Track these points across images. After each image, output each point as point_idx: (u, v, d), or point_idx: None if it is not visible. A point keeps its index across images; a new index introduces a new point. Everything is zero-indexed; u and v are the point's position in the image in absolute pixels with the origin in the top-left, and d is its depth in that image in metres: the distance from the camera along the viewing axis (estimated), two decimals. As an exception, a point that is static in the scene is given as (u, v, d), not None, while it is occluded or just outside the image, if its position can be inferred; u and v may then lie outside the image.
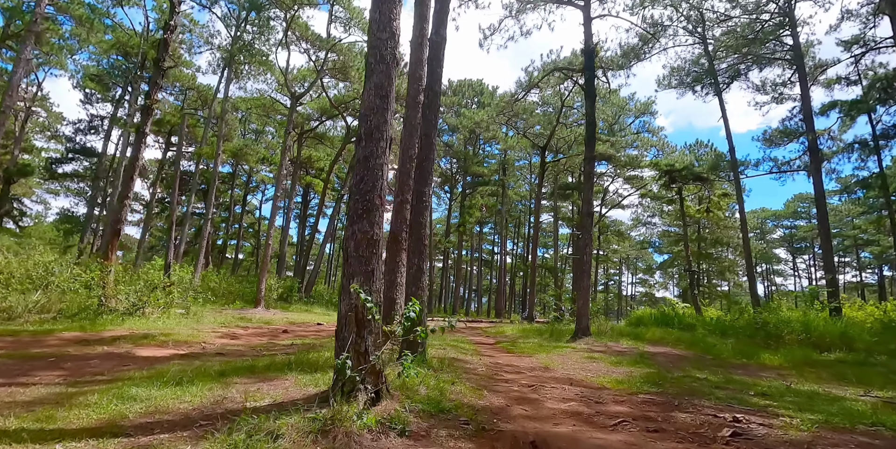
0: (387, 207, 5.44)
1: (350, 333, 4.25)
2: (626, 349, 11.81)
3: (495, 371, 7.14)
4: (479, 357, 8.56)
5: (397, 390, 4.78)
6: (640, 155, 32.41)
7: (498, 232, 49.87)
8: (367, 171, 4.51)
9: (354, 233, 4.45)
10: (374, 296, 4.45)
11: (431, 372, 6.22)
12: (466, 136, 36.00)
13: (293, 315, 19.20)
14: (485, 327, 20.04)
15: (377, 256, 4.45)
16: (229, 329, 12.55)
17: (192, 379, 5.35)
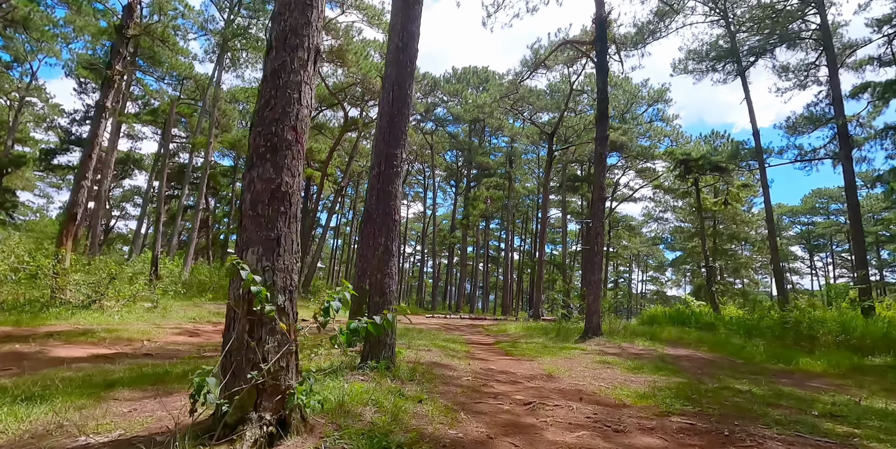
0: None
1: (240, 333, 2.74)
2: (643, 351, 10.21)
3: (485, 381, 5.59)
4: (468, 361, 7.01)
5: (325, 416, 3.26)
6: (652, 145, 30.64)
7: (505, 227, 48.25)
8: (275, 92, 2.99)
9: (252, 182, 2.93)
10: (283, 276, 2.93)
11: (396, 384, 4.70)
12: (471, 125, 34.36)
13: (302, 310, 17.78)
14: (487, 325, 18.49)
15: (287, 216, 2.93)
16: (196, 325, 11.13)
17: (60, 392, 3.88)
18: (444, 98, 34.78)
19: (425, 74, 32.12)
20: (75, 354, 6.41)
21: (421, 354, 6.99)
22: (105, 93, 11.43)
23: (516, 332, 14.44)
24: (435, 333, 12.49)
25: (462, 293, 36.08)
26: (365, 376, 4.85)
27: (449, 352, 7.83)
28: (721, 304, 24.61)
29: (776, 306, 18.34)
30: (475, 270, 42.94)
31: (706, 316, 20.25)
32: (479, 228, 44.71)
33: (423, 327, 14.40)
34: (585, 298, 11.92)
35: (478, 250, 44.46)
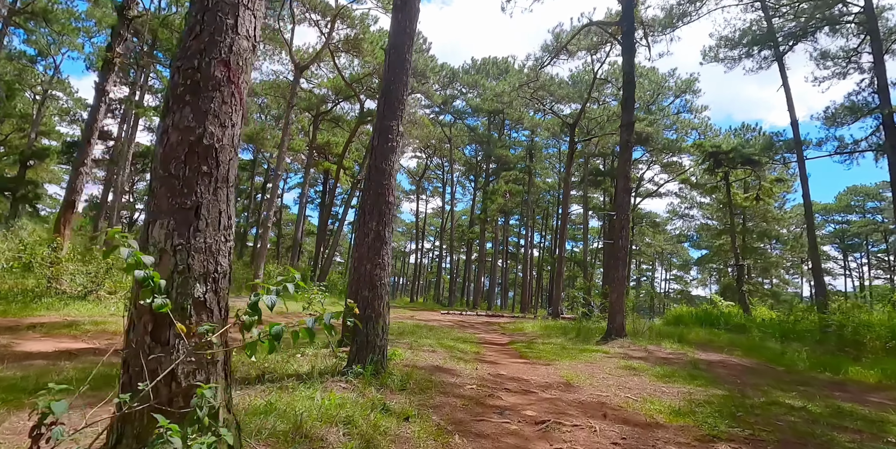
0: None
1: (139, 336, 1.99)
2: (672, 355, 9.28)
3: (492, 390, 4.79)
4: (476, 365, 6.21)
5: (272, 442, 2.51)
6: (679, 138, 29.29)
7: (524, 223, 47.20)
8: (202, 16, 2.24)
9: (166, 132, 2.18)
10: (202, 258, 2.17)
11: (383, 394, 3.94)
12: (490, 118, 33.34)
13: (292, 304, 17.27)
14: (503, 323, 17.67)
15: (213, 179, 2.17)
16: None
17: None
18: (463, 90, 33.87)
19: (443, 65, 31.27)
20: (43, 349, 5.83)
21: (422, 355, 6.23)
22: (104, 76, 10.93)
23: (533, 331, 13.60)
24: (446, 331, 11.73)
25: (479, 290, 35.25)
26: (347, 384, 4.10)
27: (456, 353, 7.05)
28: (751, 305, 23.31)
29: (814, 308, 17.13)
30: (494, 267, 42.04)
31: (736, 317, 19.14)
32: (497, 224, 43.75)
33: (435, 324, 13.66)
34: (608, 296, 11.01)
35: (497, 247, 43.57)
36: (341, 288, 29.59)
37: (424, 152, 45.50)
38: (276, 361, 4.99)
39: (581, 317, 22.34)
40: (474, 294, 35.00)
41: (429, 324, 13.50)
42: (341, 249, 64.48)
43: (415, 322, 13.45)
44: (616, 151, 31.40)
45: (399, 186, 59.11)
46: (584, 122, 25.18)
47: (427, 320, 15.55)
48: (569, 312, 39.44)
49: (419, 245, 57.87)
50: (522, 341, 10.52)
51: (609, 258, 31.10)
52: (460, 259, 66.62)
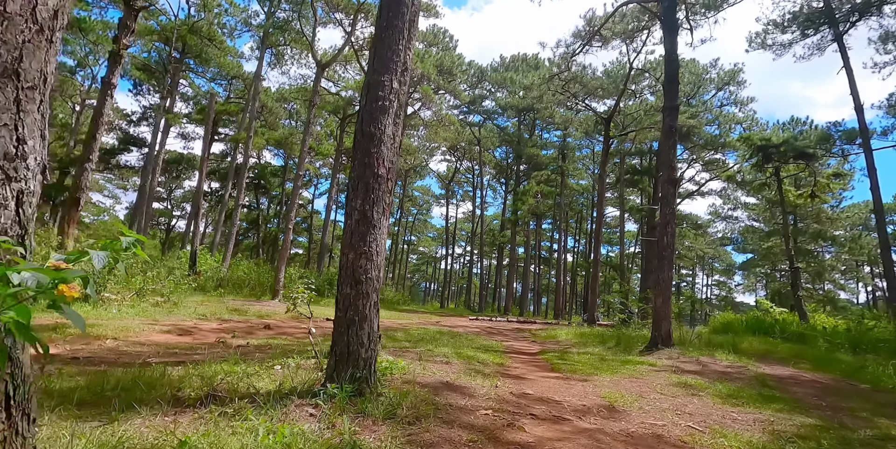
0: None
1: None
2: (731, 369, 7.93)
3: (512, 417, 3.68)
4: (496, 381, 5.10)
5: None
6: (723, 133, 27.39)
7: (557, 227, 45.61)
8: None
9: None
10: None
11: (359, 424, 2.90)
12: (520, 117, 32.10)
13: (317, 310, 16.46)
14: (535, 330, 16.42)
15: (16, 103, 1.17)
16: (200, 322, 9.81)
17: None
18: (492, 89, 32.79)
19: (470, 63, 30.36)
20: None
21: (431, 368, 5.16)
22: (111, 69, 10.41)
23: (567, 339, 12.34)
24: (470, 339, 10.64)
25: (511, 295, 33.94)
26: (316, 409, 3.08)
27: (474, 365, 5.96)
28: (810, 311, 21.27)
29: (885, 315, 15.25)
30: (526, 272, 40.64)
31: (792, 325, 17.36)
32: (529, 228, 42.40)
33: (460, 331, 12.58)
34: (652, 300, 9.70)
35: (529, 251, 42.19)
36: (368, 293, 28.86)
37: (454, 155, 44.62)
38: (240, 373, 4.02)
39: (619, 323, 20.88)
40: (506, 300, 33.70)
41: (453, 330, 12.44)
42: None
43: (438, 328, 12.40)
44: (654, 149, 29.71)
45: (429, 190, 58.50)
46: (619, 117, 23.74)
47: (453, 326, 14.49)
48: (605, 318, 37.66)
49: (449, 250, 56.83)
50: (555, 351, 9.33)
51: (650, 259, 29.37)
52: (492, 264, 65.24)
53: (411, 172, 47.78)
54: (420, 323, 14.67)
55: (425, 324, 14.57)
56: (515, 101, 29.99)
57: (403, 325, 13.03)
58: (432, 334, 10.33)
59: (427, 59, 23.24)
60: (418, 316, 19.87)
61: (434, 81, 24.38)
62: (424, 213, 60.33)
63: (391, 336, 9.74)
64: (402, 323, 13.87)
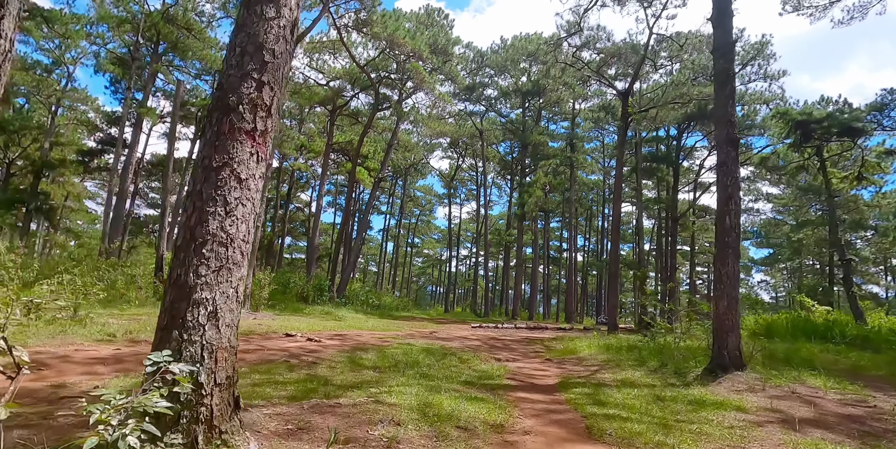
0: None
1: None
2: (853, 407, 5.18)
3: None
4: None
5: None
6: (749, 113, 24.53)
7: (566, 224, 42.76)
8: None
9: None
10: None
11: None
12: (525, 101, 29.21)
13: (292, 320, 13.85)
14: (548, 339, 13.67)
15: None
16: (100, 345, 7.21)
17: None
18: (493, 75, 30.05)
19: (469, 45, 27.75)
20: None
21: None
22: None
23: (591, 354, 9.59)
24: (465, 359, 7.96)
25: (519, 297, 31.20)
26: None
27: (446, 425, 3.25)
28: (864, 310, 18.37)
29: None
30: (535, 273, 37.84)
31: (849, 327, 14.55)
32: (538, 227, 39.59)
33: (456, 345, 9.90)
34: (715, 303, 6.96)
35: (537, 251, 39.39)
36: (364, 299, 26.19)
37: (455, 151, 41.99)
38: None
39: (640, 327, 18.11)
40: (513, 302, 30.94)
41: (447, 345, 9.74)
42: (367, 258, 61.52)
43: (427, 343, 9.72)
44: (672, 135, 26.87)
45: (431, 190, 55.87)
46: (636, 99, 20.95)
47: (448, 338, 11.79)
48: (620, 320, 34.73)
49: (454, 252, 54.09)
50: (580, 379, 6.59)
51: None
52: (499, 266, 62.38)
53: (412, 171, 45.19)
54: (409, 335, 12.01)
55: (415, 336, 11.89)
56: (519, 85, 27.21)
57: (385, 339, 10.36)
58: (414, 356, 7.66)
59: (419, 36, 20.65)
60: (413, 325, 17.20)
61: (428, 60, 21.76)
62: (427, 214, 57.67)
63: (356, 360, 7.08)
64: (385, 336, 11.21)
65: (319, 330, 11.39)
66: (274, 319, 13.19)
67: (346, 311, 21.44)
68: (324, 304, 23.03)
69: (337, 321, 14.94)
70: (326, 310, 20.28)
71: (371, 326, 14.28)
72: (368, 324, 15.11)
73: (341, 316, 18.80)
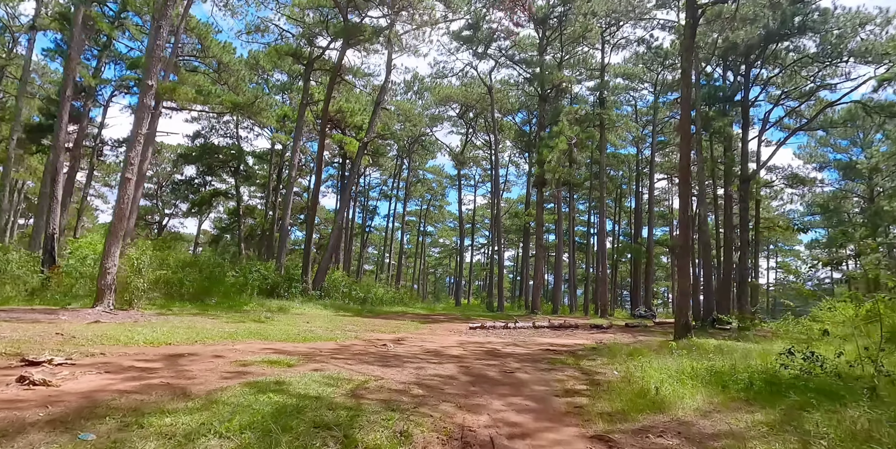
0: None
1: None
2: None
3: None
4: None
5: None
6: (836, 44, 18.28)
7: (594, 206, 36.70)
8: None
9: None
10: None
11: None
12: (539, 30, 22.94)
13: (159, 326, 8.66)
14: (583, 352, 8.13)
15: None
16: None
17: None
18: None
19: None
20: None
21: None
22: None
23: (702, 405, 3.98)
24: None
25: (540, 287, 25.59)
26: None
27: None
28: None
29: None
30: (558, 261, 32.12)
31: None
32: (562, 211, 33.68)
33: (427, 378, 4.49)
34: None
35: (560, 236, 33.60)
36: (346, 291, 20.89)
37: (465, 122, 36.29)
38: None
39: (707, 326, 12.50)
40: (533, 293, 25.33)
41: (367, 386, 4.32)
42: (382, 249, 56.38)
43: (323, 384, 4.31)
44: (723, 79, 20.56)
45: (441, 171, 50.21)
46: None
47: (402, 358, 6.38)
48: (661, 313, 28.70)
49: (467, 240, 48.56)
50: None
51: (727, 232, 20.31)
52: (518, 256, 56.49)
53: (418, 148, 39.66)
54: (336, 350, 6.67)
55: (365, 350, 6.60)
56: (534, 11, 21.17)
57: (313, 350, 5.05)
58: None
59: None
60: (388, 325, 11.79)
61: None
62: (440, 198, 52.06)
63: None
64: (310, 350, 5.91)
65: (142, 346, 6.09)
66: (122, 324, 7.96)
67: (312, 306, 16.20)
68: (292, 298, 17.89)
69: (259, 324, 9.63)
70: (283, 305, 15.07)
71: (305, 331, 8.94)
72: (311, 326, 9.82)
73: (320, 312, 13.58)
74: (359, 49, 23.57)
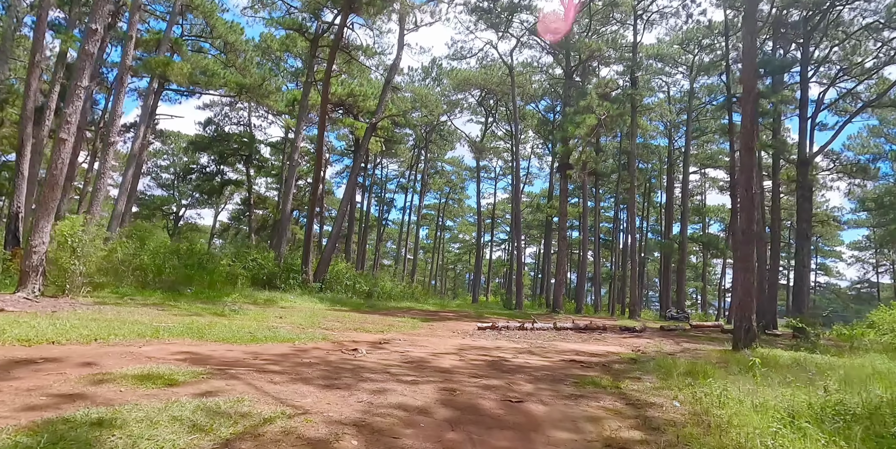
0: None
1: None
2: None
3: None
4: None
5: None
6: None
7: (623, 199, 34.25)
8: None
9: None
10: None
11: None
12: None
13: (93, 321, 7.00)
14: (621, 367, 6.20)
15: None
16: None
17: None
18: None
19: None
20: None
21: None
22: None
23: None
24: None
25: (562, 284, 23.42)
26: None
27: None
28: None
29: None
30: (583, 256, 29.86)
31: None
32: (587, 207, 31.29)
33: (381, 420, 2.57)
34: None
35: (586, 231, 31.25)
36: (349, 283, 19.15)
37: (484, 109, 34.23)
38: None
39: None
40: (555, 291, 23.20)
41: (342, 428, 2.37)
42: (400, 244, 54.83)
43: (290, 415, 2.38)
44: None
45: (461, 162, 48.15)
46: None
47: (405, 362, 4.50)
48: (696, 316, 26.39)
49: (486, 235, 46.59)
50: None
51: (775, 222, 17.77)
52: (540, 253, 54.08)
53: (436, 138, 37.73)
54: (307, 352, 4.86)
55: (322, 357, 4.74)
56: None
57: (246, 356, 3.19)
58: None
59: None
60: (385, 322, 9.94)
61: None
62: (459, 191, 50.02)
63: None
64: (243, 356, 4.09)
65: (9, 346, 4.36)
66: (25, 314, 6.28)
67: (307, 299, 14.48)
68: (289, 289, 16.25)
69: (218, 317, 7.90)
70: (273, 297, 13.39)
71: (266, 328, 7.15)
72: (281, 322, 8.06)
73: (281, 307, 11.82)
74: (367, 23, 21.78)
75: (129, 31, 8.02)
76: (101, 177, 12.82)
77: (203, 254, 15.07)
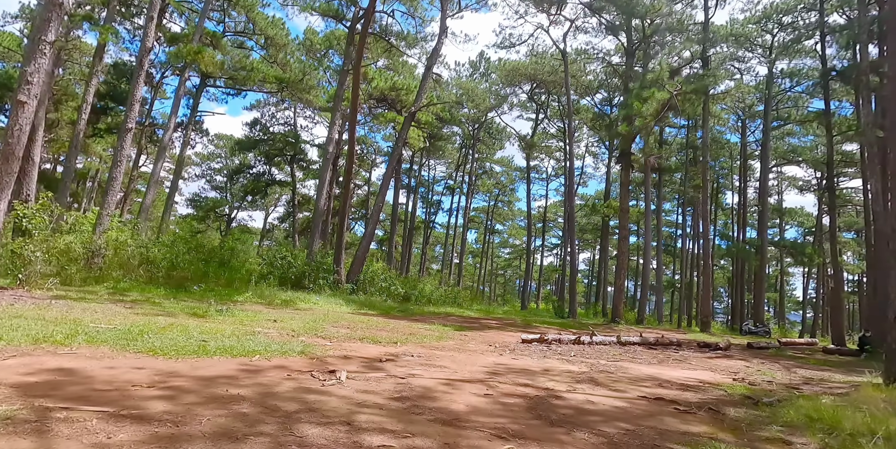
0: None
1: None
2: None
3: None
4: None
5: None
6: None
7: (692, 199, 30.94)
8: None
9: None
10: None
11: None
12: None
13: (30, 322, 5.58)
14: (722, 390, 3.88)
15: None
16: None
17: None
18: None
19: None
20: None
21: None
22: None
23: None
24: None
25: (621, 292, 20.75)
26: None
27: None
28: None
29: None
30: (646, 262, 26.93)
31: None
32: (649, 208, 28.26)
33: None
34: None
35: (649, 234, 28.19)
36: (384, 285, 17.53)
37: (535, 103, 32.03)
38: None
39: None
40: (615, 298, 20.62)
41: None
42: (449, 248, 53.18)
43: None
44: None
45: (511, 163, 45.78)
46: None
47: (392, 400, 2.65)
48: (779, 331, 23.54)
49: (535, 237, 44.18)
50: None
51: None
52: (594, 258, 50.71)
53: (484, 136, 35.85)
54: (255, 375, 3.14)
55: (267, 389, 2.95)
56: None
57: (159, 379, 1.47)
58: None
59: None
60: (406, 330, 8.14)
61: None
62: (509, 193, 47.73)
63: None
64: (153, 378, 2.39)
65: None
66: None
67: (332, 301, 12.92)
68: (319, 290, 14.84)
69: (196, 318, 6.37)
70: (293, 298, 11.93)
71: (244, 335, 5.53)
72: (278, 325, 6.45)
73: (296, 309, 10.30)
74: (409, 10, 20.37)
75: (149, 13, 7.08)
76: (115, 165, 11.91)
77: (226, 250, 13.90)
